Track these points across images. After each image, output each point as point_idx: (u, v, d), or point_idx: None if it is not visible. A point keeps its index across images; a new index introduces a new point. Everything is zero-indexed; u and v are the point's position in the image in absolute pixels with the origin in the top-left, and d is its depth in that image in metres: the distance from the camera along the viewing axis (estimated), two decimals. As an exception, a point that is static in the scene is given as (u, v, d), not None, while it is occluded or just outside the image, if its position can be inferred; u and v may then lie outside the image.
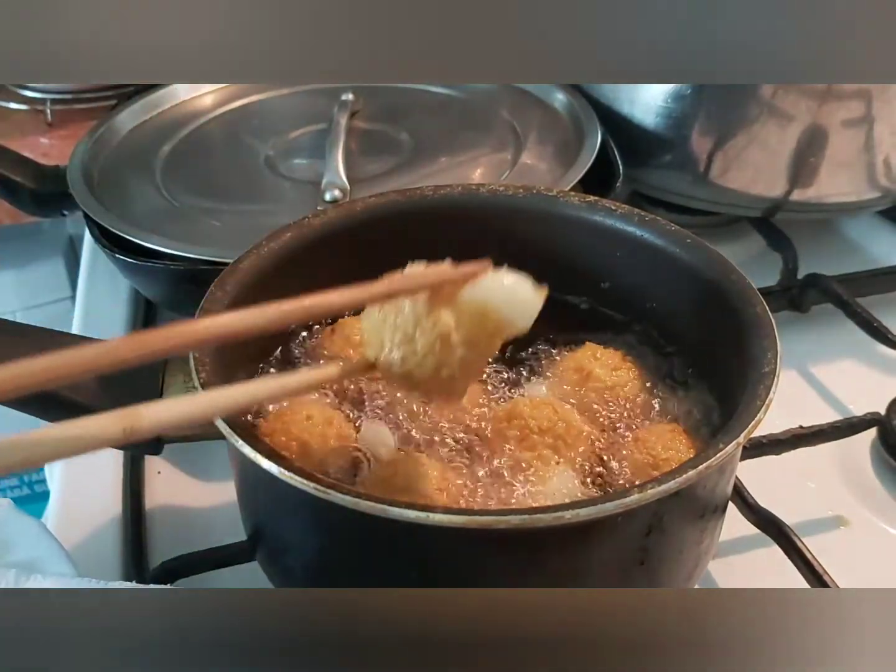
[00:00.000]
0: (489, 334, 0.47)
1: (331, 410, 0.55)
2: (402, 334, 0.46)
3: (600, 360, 0.57)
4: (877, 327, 0.77)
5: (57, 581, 0.49)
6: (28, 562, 0.52)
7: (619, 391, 0.56)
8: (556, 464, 0.52)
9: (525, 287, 0.48)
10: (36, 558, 0.53)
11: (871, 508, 0.66)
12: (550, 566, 0.46)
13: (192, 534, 0.63)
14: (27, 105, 1.23)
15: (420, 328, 0.46)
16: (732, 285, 0.54)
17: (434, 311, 0.46)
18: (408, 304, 0.46)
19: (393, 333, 0.46)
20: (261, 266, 0.57)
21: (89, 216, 0.75)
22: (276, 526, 0.53)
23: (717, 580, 0.61)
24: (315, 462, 0.51)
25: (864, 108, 0.78)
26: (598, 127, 0.83)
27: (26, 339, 0.54)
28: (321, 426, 0.53)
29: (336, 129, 0.84)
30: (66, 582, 0.50)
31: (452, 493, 0.50)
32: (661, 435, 0.52)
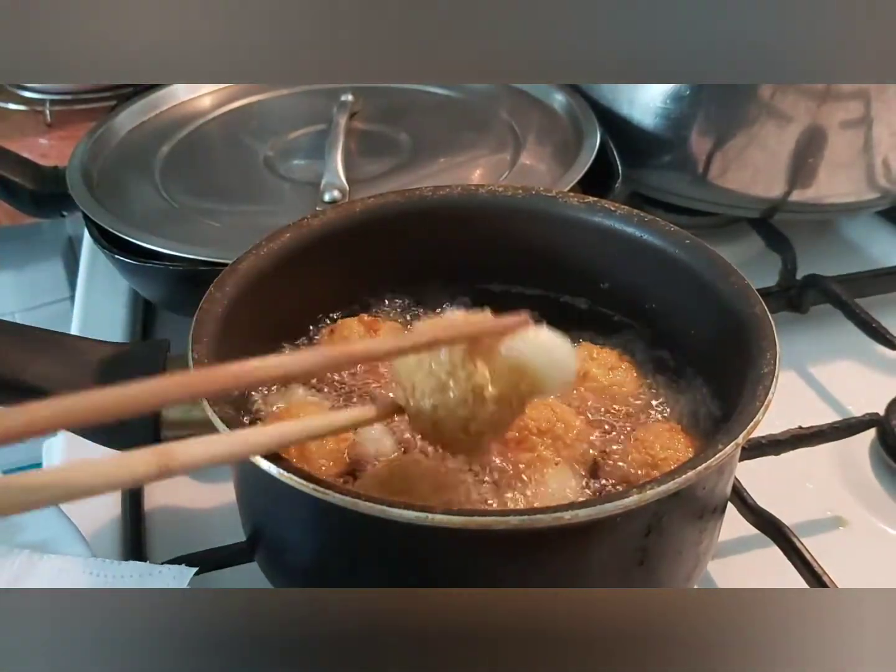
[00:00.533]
0: (522, 393, 0.47)
1: (328, 412, 0.55)
2: (435, 382, 0.45)
3: (597, 359, 0.57)
4: (876, 328, 0.77)
5: (70, 561, 0.49)
6: (41, 542, 0.52)
7: (616, 391, 0.56)
8: (555, 465, 0.52)
9: (565, 349, 0.47)
10: (49, 538, 0.53)
11: (871, 509, 0.66)
12: (550, 566, 0.46)
13: (191, 534, 0.63)
14: (26, 106, 1.23)
15: (455, 378, 0.45)
16: (731, 286, 0.54)
17: (470, 362, 0.45)
18: (444, 352, 0.45)
19: (426, 379, 0.45)
20: (260, 267, 0.57)
21: (88, 217, 0.75)
22: (275, 527, 0.53)
23: (717, 580, 0.61)
24: (313, 463, 0.51)
25: (862, 108, 0.78)
26: (598, 128, 0.83)
27: (25, 340, 0.54)
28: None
29: (335, 130, 0.84)
30: (79, 562, 0.49)
31: (451, 494, 0.50)
32: (659, 434, 0.52)
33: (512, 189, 0.63)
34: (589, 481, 0.52)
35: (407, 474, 0.50)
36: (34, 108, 1.22)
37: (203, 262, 0.68)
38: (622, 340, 0.61)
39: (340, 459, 0.53)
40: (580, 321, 0.62)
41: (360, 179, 0.79)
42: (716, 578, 0.61)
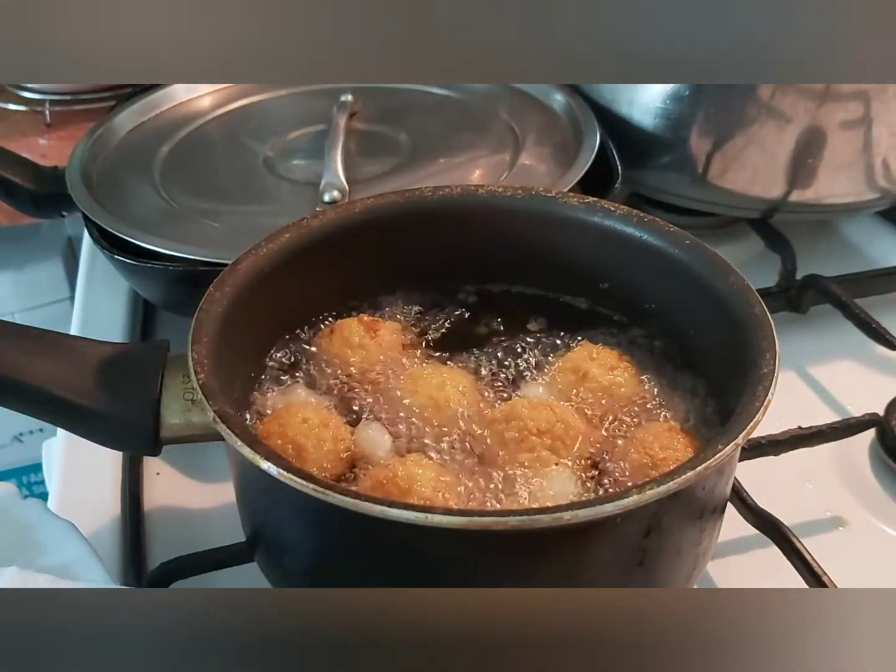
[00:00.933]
0: None
1: (326, 413, 0.55)
2: None
3: (597, 359, 0.57)
4: (875, 328, 0.77)
5: (90, 587, 0.49)
6: (62, 566, 0.52)
7: (615, 391, 0.56)
8: (555, 465, 0.52)
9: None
10: (70, 563, 0.52)
11: (870, 509, 0.66)
12: (549, 567, 0.46)
13: (191, 535, 0.63)
14: (26, 106, 1.22)
15: None
16: (731, 286, 0.54)
17: None
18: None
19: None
20: (259, 267, 0.57)
21: (88, 217, 0.75)
22: (274, 527, 0.53)
23: (716, 581, 0.61)
24: (311, 465, 0.51)
25: (862, 109, 0.78)
26: (597, 128, 0.83)
27: (25, 340, 0.54)
28: (317, 429, 0.52)
29: (335, 130, 0.84)
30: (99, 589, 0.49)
31: (450, 494, 0.50)
32: (658, 435, 0.52)
33: (512, 189, 0.63)
34: (588, 482, 0.52)
35: (406, 475, 0.50)
36: (34, 109, 1.22)
37: (203, 262, 0.68)
38: (622, 340, 0.61)
39: (339, 460, 0.53)
40: (580, 321, 0.63)
41: (360, 180, 0.79)
42: (716, 578, 0.61)
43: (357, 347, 0.58)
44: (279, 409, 0.55)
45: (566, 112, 0.89)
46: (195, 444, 0.54)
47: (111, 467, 0.69)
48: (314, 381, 0.58)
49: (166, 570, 0.59)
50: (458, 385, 0.56)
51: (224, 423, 0.46)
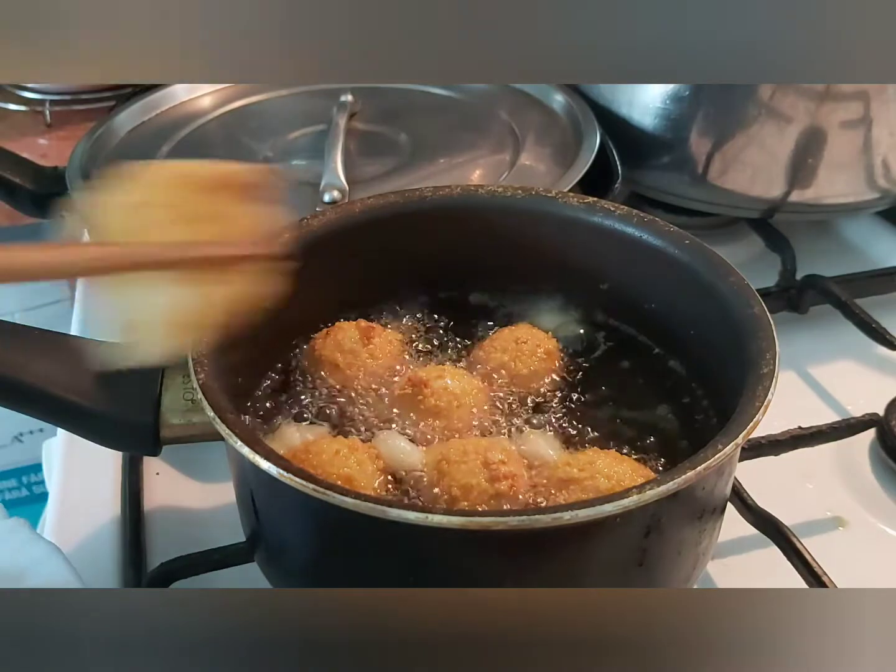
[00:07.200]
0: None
1: (343, 439, 0.54)
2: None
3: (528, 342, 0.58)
4: (875, 328, 0.77)
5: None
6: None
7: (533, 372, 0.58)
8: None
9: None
10: (51, 584, 0.52)
11: (870, 509, 0.66)
12: (549, 567, 0.46)
13: (190, 535, 0.63)
14: (26, 106, 1.23)
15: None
16: (731, 286, 0.55)
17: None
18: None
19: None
20: (260, 267, 0.56)
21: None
22: (274, 527, 0.53)
23: (716, 581, 0.61)
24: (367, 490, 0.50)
25: (862, 109, 0.78)
26: (597, 128, 0.83)
27: (25, 340, 0.54)
28: (354, 456, 0.51)
29: (335, 131, 0.84)
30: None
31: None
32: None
33: (512, 189, 0.63)
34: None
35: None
36: (34, 109, 1.22)
37: (203, 262, 0.68)
38: (622, 340, 0.61)
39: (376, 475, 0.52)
40: (580, 321, 0.63)
41: (360, 180, 0.79)
42: (716, 578, 0.61)
43: (347, 352, 0.58)
44: (304, 446, 0.53)
45: (566, 112, 0.89)
46: (195, 444, 0.54)
47: (111, 467, 0.69)
48: (310, 391, 0.58)
49: (166, 570, 0.59)
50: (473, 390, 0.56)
51: (224, 423, 0.46)
